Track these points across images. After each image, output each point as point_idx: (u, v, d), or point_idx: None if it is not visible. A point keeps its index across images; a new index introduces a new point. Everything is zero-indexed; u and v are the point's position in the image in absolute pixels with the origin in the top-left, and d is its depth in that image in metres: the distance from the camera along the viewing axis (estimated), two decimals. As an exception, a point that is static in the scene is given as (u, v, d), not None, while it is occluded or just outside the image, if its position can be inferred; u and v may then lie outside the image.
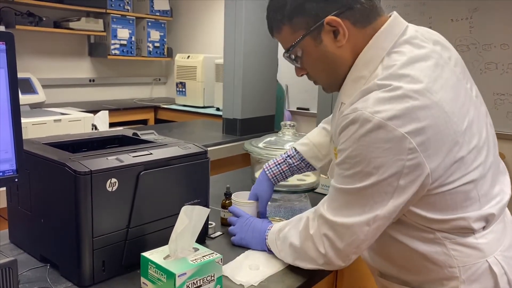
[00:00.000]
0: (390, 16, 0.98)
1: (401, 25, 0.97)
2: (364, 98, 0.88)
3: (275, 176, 1.35)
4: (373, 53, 0.94)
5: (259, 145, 1.58)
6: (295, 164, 1.35)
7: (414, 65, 0.90)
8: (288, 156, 1.35)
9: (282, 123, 1.64)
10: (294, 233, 1.08)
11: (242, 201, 1.34)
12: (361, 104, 0.87)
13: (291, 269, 1.13)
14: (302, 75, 1.06)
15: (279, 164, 1.35)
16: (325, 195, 1.02)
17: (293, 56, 1.02)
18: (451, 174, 0.89)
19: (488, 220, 0.95)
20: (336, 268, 1.02)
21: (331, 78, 1.02)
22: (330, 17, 0.92)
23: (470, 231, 0.93)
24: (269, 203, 1.57)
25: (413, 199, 0.90)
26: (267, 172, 1.35)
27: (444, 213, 0.91)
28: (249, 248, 1.22)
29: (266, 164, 1.37)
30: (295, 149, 1.35)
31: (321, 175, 1.70)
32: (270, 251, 1.19)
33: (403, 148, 0.83)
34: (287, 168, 1.34)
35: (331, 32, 0.94)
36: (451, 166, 0.88)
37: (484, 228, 0.95)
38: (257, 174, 1.61)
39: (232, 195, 1.38)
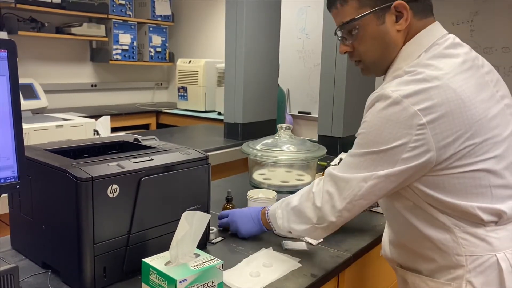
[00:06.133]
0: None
1: (442, 30, 1.04)
2: (392, 82, 0.98)
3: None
4: (413, 48, 1.02)
5: (257, 147, 1.59)
6: None
7: (442, 59, 0.98)
8: None
9: (279, 125, 1.67)
10: (296, 198, 1.17)
11: (258, 197, 1.35)
12: (386, 85, 0.98)
13: (292, 276, 1.13)
14: (345, 53, 1.10)
15: None
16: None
17: (345, 31, 1.06)
18: (460, 158, 0.94)
19: (500, 216, 0.97)
20: (327, 225, 1.08)
21: (379, 59, 1.07)
22: (399, 1, 0.99)
23: (480, 222, 0.97)
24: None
25: (414, 175, 0.96)
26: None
27: (454, 196, 0.96)
28: (249, 254, 1.22)
29: None
30: None
31: (318, 174, 1.71)
32: (263, 230, 1.27)
33: (413, 123, 0.92)
34: None
35: (394, 15, 1.01)
36: (460, 151, 0.93)
37: (496, 223, 0.98)
38: (254, 176, 1.63)
39: (248, 192, 1.42)
